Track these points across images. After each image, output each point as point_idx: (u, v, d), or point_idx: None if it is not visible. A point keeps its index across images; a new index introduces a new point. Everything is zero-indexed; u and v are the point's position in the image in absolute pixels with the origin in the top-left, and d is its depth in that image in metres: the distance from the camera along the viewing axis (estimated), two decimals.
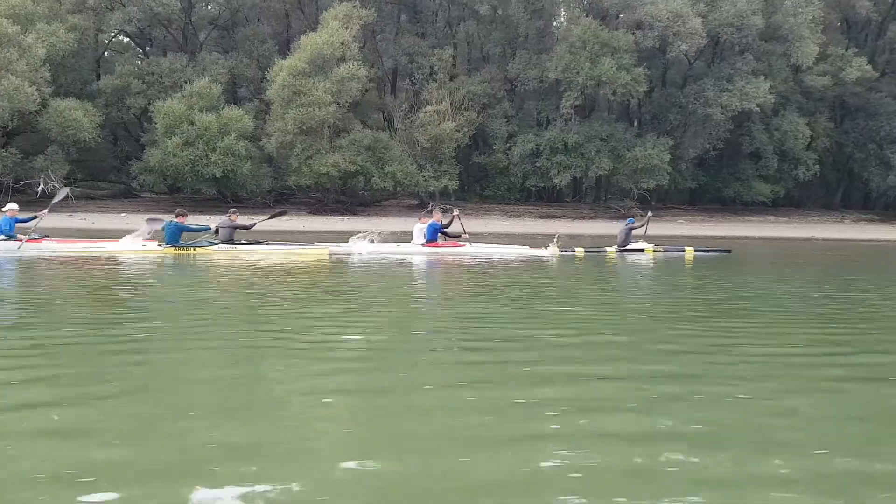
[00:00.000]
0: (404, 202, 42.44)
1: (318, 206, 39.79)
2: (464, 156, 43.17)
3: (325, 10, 38.39)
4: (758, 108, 39.17)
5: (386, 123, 43.36)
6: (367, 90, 40.12)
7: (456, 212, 16.95)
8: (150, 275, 10.92)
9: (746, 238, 33.82)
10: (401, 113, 40.64)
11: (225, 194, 38.70)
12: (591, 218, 41.51)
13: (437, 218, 16.51)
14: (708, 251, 18.98)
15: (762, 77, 39.23)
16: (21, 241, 13.44)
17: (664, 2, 37.77)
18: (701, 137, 41.37)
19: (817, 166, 44.40)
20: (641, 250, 17.60)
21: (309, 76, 36.25)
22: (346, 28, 37.08)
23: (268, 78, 37.71)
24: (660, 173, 40.35)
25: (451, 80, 41.37)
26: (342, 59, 36.70)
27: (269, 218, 15.98)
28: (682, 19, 37.26)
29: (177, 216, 14.39)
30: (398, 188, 39.25)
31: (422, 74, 40.83)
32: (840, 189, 49.59)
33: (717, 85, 39.77)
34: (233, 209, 16.40)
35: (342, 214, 38.15)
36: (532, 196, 44.43)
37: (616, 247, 17.63)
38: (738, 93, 38.88)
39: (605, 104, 43.89)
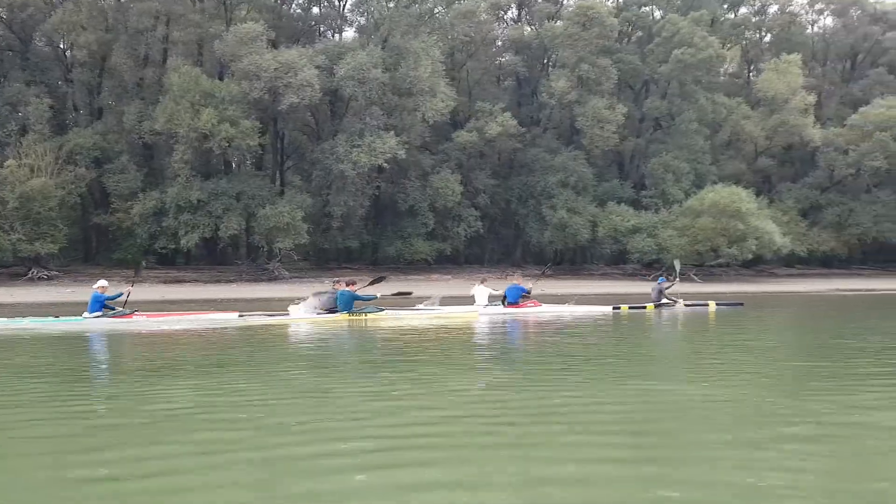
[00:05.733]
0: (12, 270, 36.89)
1: None
2: (81, 216, 38.48)
3: None
4: (387, 164, 37.43)
5: None
6: None
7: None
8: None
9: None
10: None
11: None
12: (228, 281, 37.91)
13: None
14: (727, 304, 22.18)
15: (391, 132, 37.70)
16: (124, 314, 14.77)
17: (273, 53, 35.53)
18: (343, 194, 39.12)
19: (479, 223, 43.51)
20: (674, 304, 20.70)
21: None
22: None
23: None
24: (296, 232, 37.55)
25: (57, 132, 36.87)
26: None
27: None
28: (294, 70, 35.10)
29: (347, 285, 15.81)
30: None
31: (15, 125, 35.95)
32: (519, 245, 49.02)
33: (349, 140, 37.83)
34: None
35: None
36: (178, 259, 40.29)
37: (652, 303, 20.57)
38: (366, 148, 37.06)
39: (253, 160, 40.84)
